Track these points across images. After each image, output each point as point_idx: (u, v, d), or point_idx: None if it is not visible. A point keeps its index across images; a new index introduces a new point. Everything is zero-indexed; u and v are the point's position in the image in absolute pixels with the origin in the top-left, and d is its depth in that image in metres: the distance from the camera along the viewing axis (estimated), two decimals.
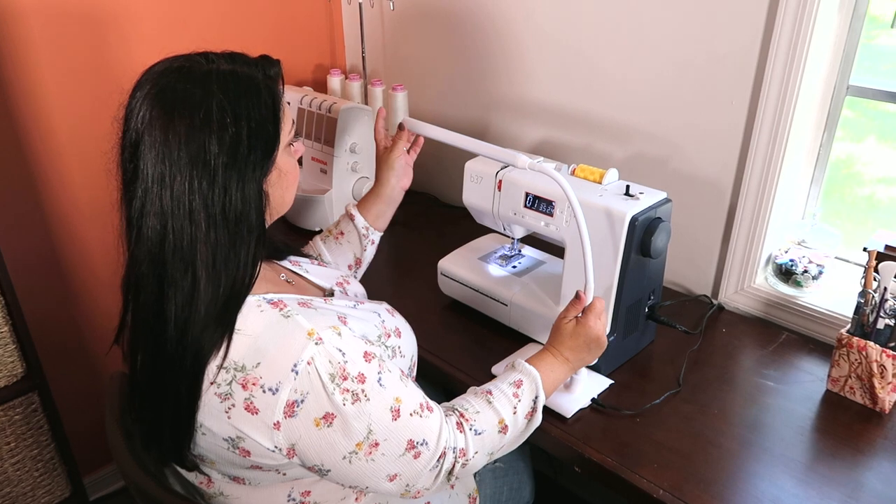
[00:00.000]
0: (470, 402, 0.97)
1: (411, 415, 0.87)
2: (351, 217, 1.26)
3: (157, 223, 0.80)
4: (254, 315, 0.83)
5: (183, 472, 0.92)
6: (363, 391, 0.83)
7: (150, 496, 0.87)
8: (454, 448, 0.91)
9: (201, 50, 0.86)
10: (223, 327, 0.81)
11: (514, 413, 0.97)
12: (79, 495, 1.65)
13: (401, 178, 1.27)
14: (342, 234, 1.27)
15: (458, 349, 1.31)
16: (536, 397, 1.00)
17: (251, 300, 0.84)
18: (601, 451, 1.06)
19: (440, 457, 0.89)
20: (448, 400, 0.99)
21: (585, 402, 1.15)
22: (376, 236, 1.29)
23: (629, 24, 1.44)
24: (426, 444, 0.87)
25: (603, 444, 1.08)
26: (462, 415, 0.94)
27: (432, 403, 0.91)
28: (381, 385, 0.85)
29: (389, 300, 1.13)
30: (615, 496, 1.05)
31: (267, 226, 0.88)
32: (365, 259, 1.29)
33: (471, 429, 0.93)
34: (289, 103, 1.64)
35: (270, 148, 0.85)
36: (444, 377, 1.25)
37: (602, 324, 1.07)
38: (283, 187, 0.91)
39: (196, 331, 0.80)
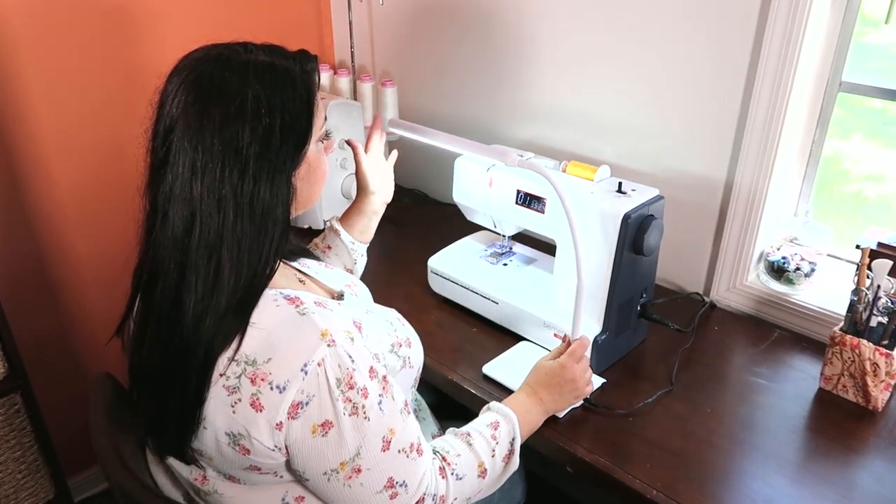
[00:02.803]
0: (451, 443, 0.96)
1: (399, 451, 0.85)
2: (336, 232, 1.25)
3: (184, 209, 0.79)
4: (270, 309, 0.82)
5: (179, 467, 0.91)
6: (364, 407, 0.81)
7: (134, 498, 0.85)
8: (434, 495, 0.89)
9: (241, 40, 0.86)
10: (239, 319, 0.80)
11: (493, 456, 0.96)
12: (63, 497, 1.63)
13: (380, 192, 1.26)
14: (329, 247, 1.26)
15: (449, 347, 1.29)
16: (513, 439, 0.99)
17: (268, 294, 0.83)
18: (593, 451, 1.05)
19: (418, 502, 0.87)
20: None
21: (577, 402, 1.14)
22: (363, 249, 1.28)
23: (621, 22, 1.42)
24: (405, 486, 0.85)
25: (595, 443, 1.07)
26: (444, 458, 0.93)
27: (424, 447, 0.89)
28: (380, 409, 0.83)
29: (379, 298, 1.11)
30: (608, 496, 1.04)
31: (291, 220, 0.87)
32: (357, 271, 1.28)
33: (452, 473, 0.92)
34: None
35: (302, 141, 0.85)
36: (435, 375, 1.23)
37: (580, 368, 1.07)
38: (311, 182, 0.91)
39: (212, 321, 0.79)
